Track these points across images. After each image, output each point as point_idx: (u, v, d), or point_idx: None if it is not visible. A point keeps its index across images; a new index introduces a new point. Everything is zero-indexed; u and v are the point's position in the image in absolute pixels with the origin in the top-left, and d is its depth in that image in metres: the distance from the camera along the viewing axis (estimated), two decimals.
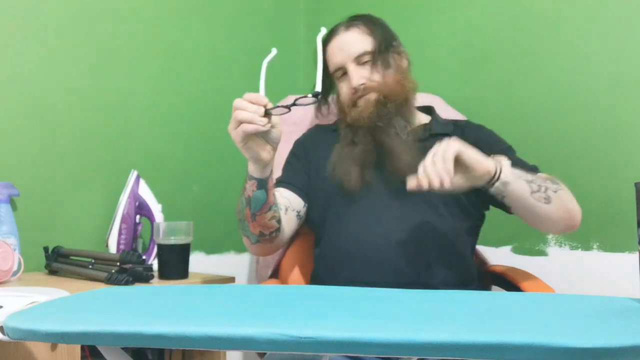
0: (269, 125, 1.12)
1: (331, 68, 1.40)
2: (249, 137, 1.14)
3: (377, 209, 1.32)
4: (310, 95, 1.12)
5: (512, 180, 1.17)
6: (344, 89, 1.40)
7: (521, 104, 1.69)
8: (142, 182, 1.63)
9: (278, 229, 1.30)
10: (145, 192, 1.63)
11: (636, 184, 0.86)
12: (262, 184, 1.21)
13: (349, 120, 1.37)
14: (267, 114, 1.12)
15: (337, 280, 1.29)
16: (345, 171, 1.34)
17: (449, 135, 1.32)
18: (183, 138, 1.86)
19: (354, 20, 1.41)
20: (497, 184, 1.16)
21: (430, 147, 1.25)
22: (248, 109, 1.11)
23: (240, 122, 1.12)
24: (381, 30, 1.41)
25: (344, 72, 1.39)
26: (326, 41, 1.41)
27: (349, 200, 1.34)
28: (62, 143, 1.61)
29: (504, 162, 1.18)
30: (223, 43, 1.97)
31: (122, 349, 0.86)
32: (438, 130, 1.39)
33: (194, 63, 1.89)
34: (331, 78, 1.43)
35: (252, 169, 1.21)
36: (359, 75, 1.35)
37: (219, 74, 1.95)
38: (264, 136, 1.16)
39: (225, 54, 1.97)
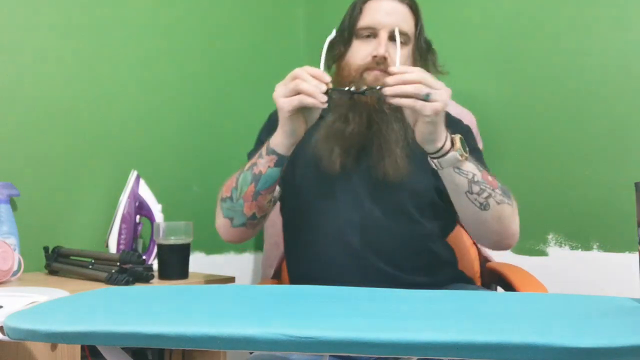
0: (326, 104, 1.10)
1: (362, 23, 1.29)
2: (298, 109, 1.12)
3: (351, 210, 1.27)
4: (378, 88, 1.11)
5: (449, 170, 1.15)
6: (362, 50, 1.28)
7: (522, 103, 1.69)
8: (142, 182, 1.63)
9: (267, 215, 1.28)
10: (145, 192, 1.63)
11: (636, 184, 0.85)
12: (282, 161, 1.19)
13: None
14: (327, 93, 1.10)
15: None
16: (328, 149, 1.26)
17: None
18: (183, 138, 1.86)
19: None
20: (434, 161, 1.15)
21: (411, 141, 1.21)
22: (310, 82, 1.09)
23: (298, 93, 1.09)
24: (422, 24, 1.34)
25: (372, 34, 1.28)
26: None
27: (323, 193, 1.28)
28: (62, 143, 1.61)
29: (456, 151, 1.14)
30: (223, 43, 1.97)
31: (122, 349, 0.86)
32: None
33: (194, 63, 1.89)
34: (346, 37, 1.32)
35: (279, 143, 1.18)
36: (387, 48, 1.26)
37: (219, 73, 1.95)
38: (307, 113, 1.14)
39: (226, 53, 1.97)
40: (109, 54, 1.70)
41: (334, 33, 1.21)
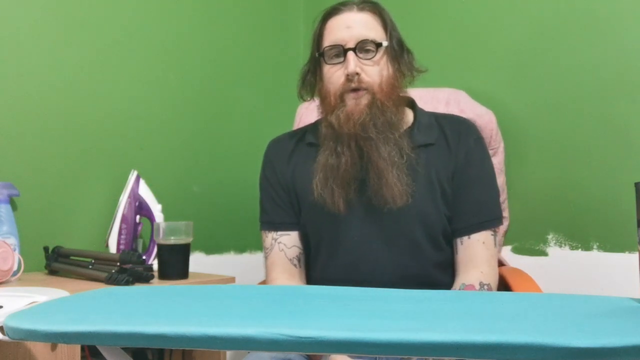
0: None
1: (326, 43, 1.25)
2: None
3: (358, 247, 1.25)
4: None
5: None
6: (334, 73, 1.25)
7: (521, 104, 1.69)
8: (142, 182, 1.63)
9: None
10: (145, 192, 1.63)
11: (636, 184, 0.85)
12: None
13: (333, 120, 1.23)
14: None
15: None
16: (329, 192, 1.23)
17: (432, 144, 1.28)
18: (183, 138, 1.86)
19: (367, 4, 1.27)
20: None
21: (414, 160, 1.21)
22: None
23: None
24: (392, 26, 1.28)
25: (339, 52, 1.24)
26: (329, 15, 1.27)
27: (331, 234, 1.28)
28: (62, 143, 1.61)
29: None
30: (223, 43, 1.97)
31: (122, 349, 0.86)
32: (421, 141, 1.28)
33: (194, 63, 1.89)
34: (317, 63, 1.29)
35: None
36: (357, 62, 1.22)
37: (220, 74, 1.95)
38: None
39: (226, 54, 1.97)
40: (109, 54, 1.70)
41: None
